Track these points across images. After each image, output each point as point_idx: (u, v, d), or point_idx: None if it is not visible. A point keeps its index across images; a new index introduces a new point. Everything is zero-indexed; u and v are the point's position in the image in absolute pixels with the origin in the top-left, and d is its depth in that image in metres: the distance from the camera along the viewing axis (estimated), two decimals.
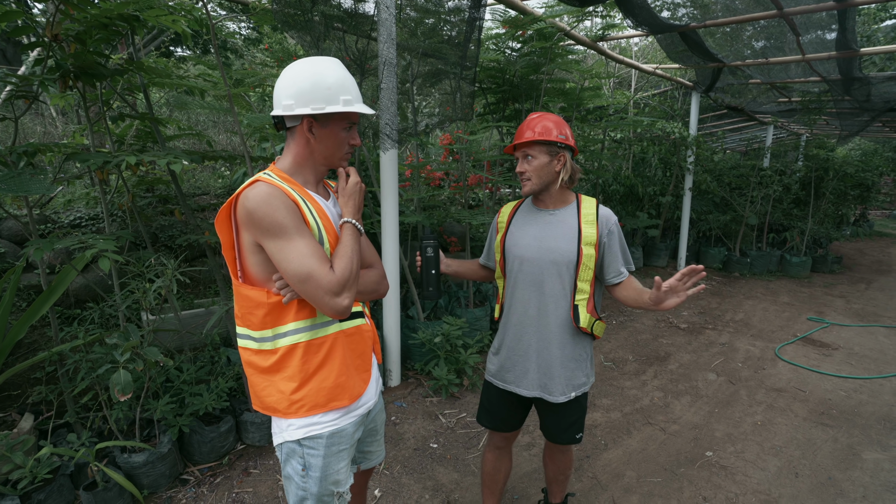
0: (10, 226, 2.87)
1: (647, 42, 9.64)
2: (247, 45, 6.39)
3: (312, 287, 1.09)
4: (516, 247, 1.66)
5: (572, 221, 1.61)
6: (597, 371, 3.67)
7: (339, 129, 1.22)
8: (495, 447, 1.88)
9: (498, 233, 1.75)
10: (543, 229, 1.63)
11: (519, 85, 4.05)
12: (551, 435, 1.78)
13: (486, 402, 1.82)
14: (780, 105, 6.91)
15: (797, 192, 6.93)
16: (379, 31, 2.53)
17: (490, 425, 1.82)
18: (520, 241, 1.66)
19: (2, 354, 2.10)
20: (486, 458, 1.92)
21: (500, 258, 1.73)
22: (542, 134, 1.57)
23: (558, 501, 2.01)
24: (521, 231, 1.68)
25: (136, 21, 2.11)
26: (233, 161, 2.69)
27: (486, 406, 1.82)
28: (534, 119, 1.61)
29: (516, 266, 1.66)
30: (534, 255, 1.62)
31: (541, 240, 1.62)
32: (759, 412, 3.09)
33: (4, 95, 1.96)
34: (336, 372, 1.23)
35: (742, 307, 5.33)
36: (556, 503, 2.01)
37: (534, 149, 1.58)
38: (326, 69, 1.19)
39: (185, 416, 2.35)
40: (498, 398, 1.77)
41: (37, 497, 1.96)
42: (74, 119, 4.69)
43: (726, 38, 5.20)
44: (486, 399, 1.82)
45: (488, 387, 1.81)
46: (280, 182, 1.16)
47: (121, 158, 2.06)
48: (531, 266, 1.63)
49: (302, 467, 1.24)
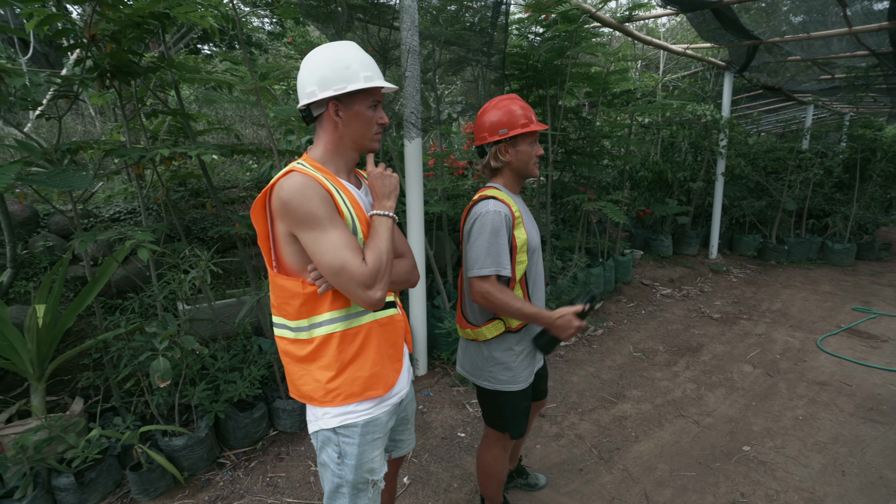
0: (56, 220, 3.02)
1: (676, 21, 9.26)
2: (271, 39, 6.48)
3: (345, 279, 1.09)
4: (534, 238, 1.61)
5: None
6: (625, 361, 3.60)
7: (365, 108, 1.20)
8: (508, 448, 1.82)
9: (516, 228, 1.54)
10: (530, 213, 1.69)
11: (543, 70, 3.96)
12: (543, 392, 1.92)
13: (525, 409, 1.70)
14: (822, 83, 6.52)
15: (840, 176, 6.55)
16: (401, 19, 2.51)
17: (525, 429, 1.76)
18: (532, 230, 1.63)
19: (54, 342, 2.22)
20: (503, 465, 1.84)
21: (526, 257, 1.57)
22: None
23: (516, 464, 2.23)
24: (527, 220, 1.63)
25: (166, 19, 2.15)
26: (261, 155, 2.74)
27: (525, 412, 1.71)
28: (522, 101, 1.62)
29: (535, 258, 1.62)
30: (539, 240, 1.65)
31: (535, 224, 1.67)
32: (801, 406, 2.96)
33: (49, 96, 2.05)
34: (371, 361, 1.23)
35: (779, 296, 5.11)
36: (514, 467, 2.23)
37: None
38: (343, 51, 1.18)
39: (220, 402, 2.43)
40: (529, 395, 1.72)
41: (89, 475, 2.08)
42: (111, 117, 4.88)
43: (762, 13, 4.93)
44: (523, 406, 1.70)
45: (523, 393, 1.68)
46: (314, 172, 1.15)
47: (155, 152, 2.12)
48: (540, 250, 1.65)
49: (338, 455, 1.26)
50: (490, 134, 1.58)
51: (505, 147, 1.58)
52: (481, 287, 1.50)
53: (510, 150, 1.58)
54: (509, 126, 1.56)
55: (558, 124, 4.07)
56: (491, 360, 1.64)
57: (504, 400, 1.68)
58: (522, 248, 1.56)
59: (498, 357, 1.63)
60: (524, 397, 1.70)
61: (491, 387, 1.67)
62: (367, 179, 1.30)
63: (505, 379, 1.64)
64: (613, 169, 5.58)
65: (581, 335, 4.02)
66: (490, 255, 1.49)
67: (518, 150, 1.58)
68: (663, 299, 5.01)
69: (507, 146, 1.58)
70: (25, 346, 2.12)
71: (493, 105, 1.60)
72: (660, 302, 4.92)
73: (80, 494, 2.05)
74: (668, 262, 6.15)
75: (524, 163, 1.60)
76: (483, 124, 1.60)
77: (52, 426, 2.05)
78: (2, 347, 2.08)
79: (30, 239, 2.91)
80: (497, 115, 1.57)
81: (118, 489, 2.20)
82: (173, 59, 2.48)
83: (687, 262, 6.16)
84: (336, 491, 1.28)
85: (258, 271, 3.49)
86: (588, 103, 5.17)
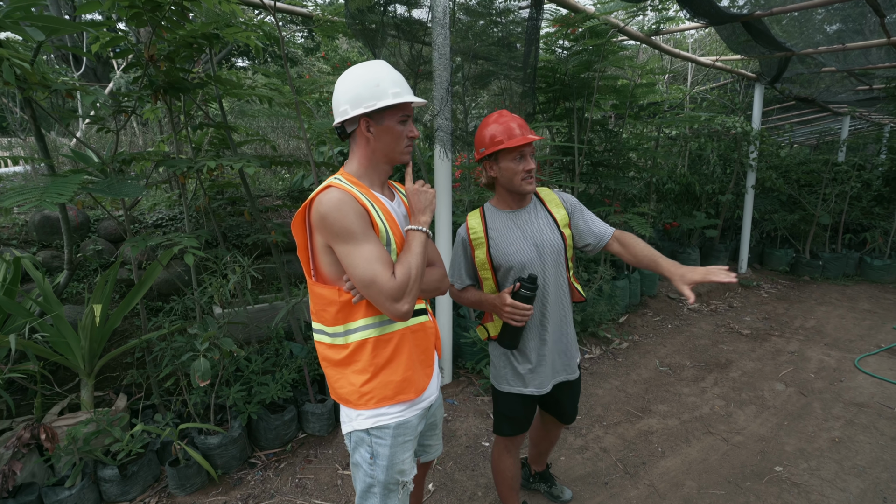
0: (105, 226, 3.21)
1: (704, 33, 9.15)
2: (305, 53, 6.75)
3: (375, 291, 1.14)
4: (513, 255, 1.62)
5: (542, 212, 1.69)
6: (651, 376, 3.55)
7: (395, 123, 1.25)
8: (514, 450, 1.87)
9: (475, 249, 1.67)
10: (525, 228, 1.66)
11: (570, 84, 4.00)
12: (567, 416, 1.87)
13: (509, 411, 1.77)
14: (859, 94, 6.33)
15: (879, 189, 6.31)
16: (434, 32, 2.60)
17: (513, 431, 1.80)
18: (511, 248, 1.63)
19: (103, 340, 2.36)
20: (506, 464, 1.88)
21: (491, 274, 1.67)
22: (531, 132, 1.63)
23: (543, 469, 2.24)
24: (505, 239, 1.65)
25: (216, 39, 2.30)
26: (297, 166, 2.86)
27: (509, 415, 1.78)
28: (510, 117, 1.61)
29: (515, 273, 1.64)
30: (533, 255, 1.64)
31: (531, 238, 1.65)
32: (837, 427, 2.86)
33: (111, 111, 2.21)
34: (404, 366, 1.28)
35: (814, 313, 4.94)
36: (541, 470, 2.25)
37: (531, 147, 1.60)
38: (374, 69, 1.23)
39: (253, 403, 2.52)
40: (523, 403, 1.76)
41: (131, 468, 2.19)
42: (156, 129, 5.15)
43: (794, 23, 4.84)
44: (507, 408, 1.77)
45: (511, 397, 1.75)
46: (350, 187, 1.21)
47: (202, 163, 2.25)
48: (532, 266, 1.64)
49: (370, 455, 1.30)
50: (477, 153, 1.66)
51: (489, 164, 1.64)
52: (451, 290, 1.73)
53: (494, 167, 1.63)
54: (487, 144, 1.60)
55: (584, 137, 4.08)
56: (489, 357, 1.85)
57: (495, 396, 1.82)
58: (483, 267, 1.67)
59: (491, 356, 1.82)
60: (512, 401, 1.76)
61: (490, 380, 1.84)
62: (405, 194, 1.36)
63: (494, 375, 1.80)
64: (640, 181, 5.54)
65: (605, 348, 3.98)
66: (452, 268, 1.75)
67: (500, 167, 1.60)
68: (690, 313, 4.92)
69: (491, 163, 1.63)
70: (79, 343, 2.26)
71: (483, 123, 1.65)
72: (687, 316, 4.83)
73: (123, 486, 2.16)
74: None
75: (508, 179, 1.61)
76: (475, 142, 1.68)
77: (100, 420, 2.18)
78: (58, 344, 2.23)
79: (81, 243, 3.10)
80: (481, 134, 1.63)
81: (157, 483, 2.31)
82: (219, 75, 2.63)
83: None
84: (368, 490, 1.33)
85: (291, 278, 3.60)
86: (614, 115, 5.16)
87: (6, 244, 2.92)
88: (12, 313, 2.24)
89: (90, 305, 2.20)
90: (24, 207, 2.79)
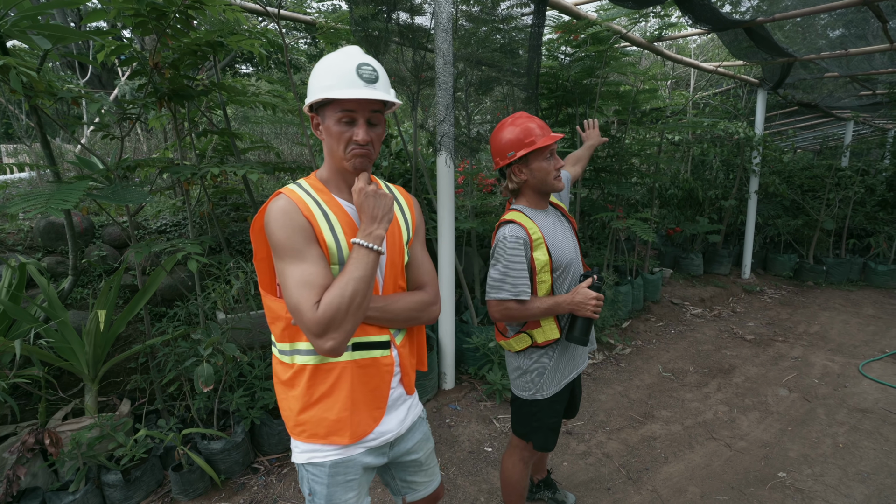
0: (109, 231, 3.23)
1: (707, 38, 9.18)
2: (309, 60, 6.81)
3: (300, 321, 0.99)
4: (566, 253, 1.60)
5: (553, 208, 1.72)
6: (654, 381, 3.54)
7: (332, 123, 1.04)
8: (529, 459, 1.84)
9: (535, 250, 1.55)
10: (561, 227, 1.66)
11: (572, 90, 4.01)
12: (577, 408, 1.91)
13: (553, 421, 1.73)
14: (862, 99, 6.32)
15: (883, 194, 6.29)
16: (436, 37, 2.62)
17: (555, 441, 1.78)
18: (564, 245, 1.61)
19: (107, 346, 2.37)
20: (523, 475, 1.86)
21: (550, 276, 1.58)
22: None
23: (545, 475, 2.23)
24: (556, 237, 1.61)
25: (220, 47, 2.33)
26: (300, 172, 2.87)
27: (553, 426, 1.74)
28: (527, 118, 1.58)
29: (564, 273, 1.61)
30: (576, 251, 1.64)
31: (569, 237, 1.65)
32: (841, 433, 2.84)
33: (116, 118, 2.24)
34: (340, 405, 1.10)
35: (817, 319, 4.91)
36: (543, 478, 2.22)
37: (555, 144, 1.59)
38: (329, 58, 1.06)
39: (256, 408, 2.53)
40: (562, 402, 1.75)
41: (135, 473, 2.19)
42: (160, 136, 5.19)
43: (797, 28, 4.85)
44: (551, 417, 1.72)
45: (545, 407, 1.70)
46: (303, 194, 1.07)
47: (206, 170, 2.27)
48: (576, 262, 1.64)
49: (308, 492, 1.17)
50: (501, 158, 1.59)
51: (518, 168, 1.57)
52: (499, 307, 1.56)
53: (524, 170, 1.57)
54: (515, 147, 1.54)
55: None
56: (519, 369, 1.71)
57: (530, 410, 1.72)
58: (543, 269, 1.56)
59: (525, 367, 1.69)
60: (551, 411, 1.72)
61: (519, 394, 1.73)
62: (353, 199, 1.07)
63: (531, 388, 1.70)
64: (642, 186, 5.54)
65: (608, 354, 3.97)
66: (507, 281, 1.52)
67: (532, 168, 1.55)
68: (693, 319, 4.90)
69: (521, 166, 1.57)
70: (83, 349, 2.28)
71: (500, 128, 1.60)
72: (690, 322, 4.81)
73: (127, 491, 2.17)
74: (699, 281, 6.01)
75: (542, 180, 1.56)
76: (495, 149, 1.61)
77: (104, 425, 2.18)
78: (63, 349, 2.24)
79: (86, 249, 3.13)
80: (504, 138, 1.56)
81: (160, 488, 2.31)
82: (224, 82, 2.66)
83: (718, 282, 6.00)
84: None
85: None
86: (617, 121, 5.18)
87: (11, 250, 2.95)
88: (17, 319, 2.26)
89: (94, 311, 2.21)
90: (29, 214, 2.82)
